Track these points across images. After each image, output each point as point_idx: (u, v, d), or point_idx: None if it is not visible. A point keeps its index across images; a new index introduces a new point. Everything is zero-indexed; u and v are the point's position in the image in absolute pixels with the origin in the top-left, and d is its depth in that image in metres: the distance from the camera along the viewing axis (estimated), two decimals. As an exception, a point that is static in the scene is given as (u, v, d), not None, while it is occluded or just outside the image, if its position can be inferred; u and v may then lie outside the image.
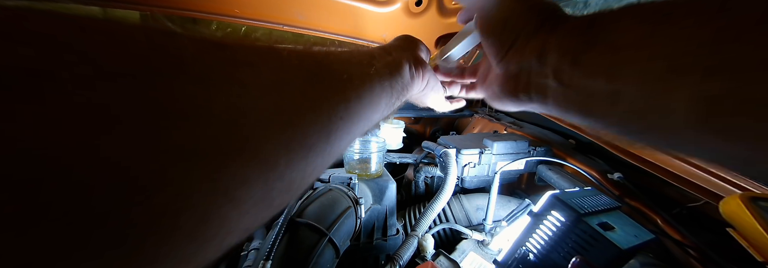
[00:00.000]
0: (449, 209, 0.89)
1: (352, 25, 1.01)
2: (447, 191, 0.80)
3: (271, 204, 0.15)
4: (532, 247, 0.55)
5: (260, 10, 0.88)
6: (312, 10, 0.93)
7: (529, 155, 0.91)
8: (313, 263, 0.54)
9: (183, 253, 0.11)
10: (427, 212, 0.75)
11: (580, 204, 0.51)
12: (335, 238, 0.60)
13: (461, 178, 0.90)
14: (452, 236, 0.83)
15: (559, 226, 0.51)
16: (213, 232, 0.12)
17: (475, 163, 0.88)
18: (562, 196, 0.53)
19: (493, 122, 1.25)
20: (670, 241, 0.59)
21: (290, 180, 0.15)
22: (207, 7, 0.83)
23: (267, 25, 0.92)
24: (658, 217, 0.64)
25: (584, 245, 0.48)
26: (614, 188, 0.75)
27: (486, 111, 1.40)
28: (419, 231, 0.71)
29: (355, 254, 0.72)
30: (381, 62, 0.27)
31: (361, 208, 0.70)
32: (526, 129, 1.13)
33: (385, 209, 0.78)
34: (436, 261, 0.64)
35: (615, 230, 0.48)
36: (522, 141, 0.90)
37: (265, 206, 0.14)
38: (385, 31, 1.06)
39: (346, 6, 0.95)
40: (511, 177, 0.95)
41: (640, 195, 0.70)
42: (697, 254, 0.55)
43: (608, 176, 0.77)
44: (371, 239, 0.75)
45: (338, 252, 0.61)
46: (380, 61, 0.27)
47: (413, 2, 0.97)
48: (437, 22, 1.07)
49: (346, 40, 1.06)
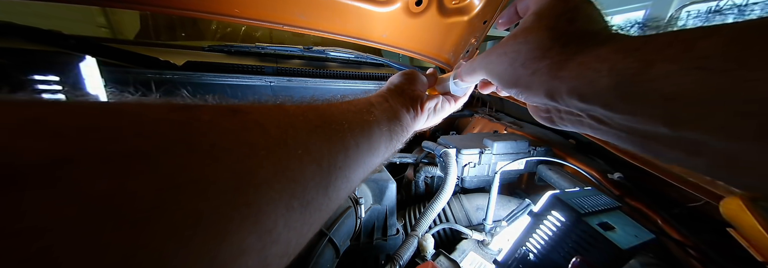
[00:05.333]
0: (449, 208, 0.88)
1: (352, 24, 1.01)
2: (447, 190, 0.80)
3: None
4: (532, 247, 0.55)
5: (260, 10, 0.88)
6: (312, 9, 0.93)
7: (529, 155, 0.91)
8: (313, 263, 0.54)
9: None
10: (427, 211, 0.75)
11: (581, 204, 0.51)
12: (335, 238, 0.60)
13: (461, 178, 0.90)
14: (452, 236, 0.83)
15: (559, 226, 0.51)
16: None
17: (475, 163, 0.88)
18: (563, 196, 0.53)
19: (493, 122, 1.25)
20: (670, 241, 0.59)
21: (287, 242, 0.15)
22: (207, 7, 0.83)
23: (267, 25, 0.92)
24: (658, 217, 0.64)
25: (584, 245, 0.48)
26: (614, 187, 0.75)
27: (486, 111, 1.40)
28: (419, 231, 0.71)
29: (355, 253, 0.72)
30: (379, 109, 0.29)
31: (361, 208, 0.70)
32: (526, 129, 1.13)
33: (385, 209, 0.78)
34: (436, 261, 0.64)
35: (615, 230, 0.48)
36: (522, 141, 0.90)
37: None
38: (385, 31, 1.06)
39: (346, 6, 0.95)
40: (511, 177, 0.95)
41: (640, 195, 0.69)
42: (697, 254, 0.55)
43: (608, 175, 0.77)
44: (371, 238, 0.75)
45: (338, 252, 0.61)
46: (378, 108, 0.29)
47: (413, 2, 0.97)
48: (437, 22, 1.07)
49: (346, 39, 1.06)
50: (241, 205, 0.13)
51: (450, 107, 0.42)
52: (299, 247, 0.17)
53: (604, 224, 0.49)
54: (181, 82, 0.89)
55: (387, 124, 0.28)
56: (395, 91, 0.35)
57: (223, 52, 1.07)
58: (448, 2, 1.01)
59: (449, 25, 1.09)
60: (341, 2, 0.93)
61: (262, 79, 1.01)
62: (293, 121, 0.18)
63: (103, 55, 0.81)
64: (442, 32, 1.12)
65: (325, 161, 0.19)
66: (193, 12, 0.82)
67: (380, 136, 0.27)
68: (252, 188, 0.13)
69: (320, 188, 0.18)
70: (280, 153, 0.16)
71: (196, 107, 0.15)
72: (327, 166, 0.19)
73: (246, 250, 0.13)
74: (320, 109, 0.22)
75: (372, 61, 1.24)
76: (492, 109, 1.40)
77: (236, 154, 0.14)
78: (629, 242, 0.46)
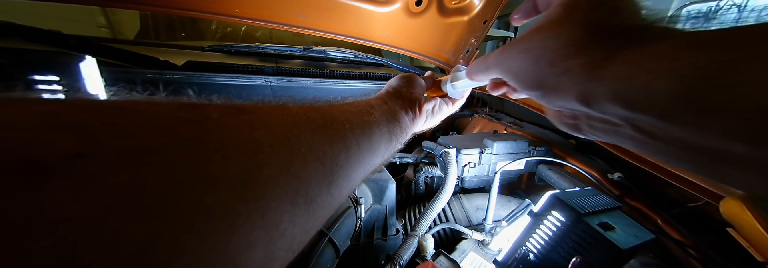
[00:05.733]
0: (449, 208, 0.89)
1: (352, 24, 1.01)
2: (447, 190, 0.80)
3: (272, 266, 0.15)
4: (532, 247, 0.55)
5: (260, 10, 0.88)
6: (312, 9, 0.93)
7: (529, 155, 0.91)
8: (313, 263, 0.54)
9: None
10: (427, 211, 0.75)
11: (581, 204, 0.51)
12: (335, 238, 0.60)
13: (461, 178, 0.90)
14: (452, 236, 0.83)
15: (560, 226, 0.51)
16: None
17: (475, 163, 0.88)
18: (563, 196, 0.53)
19: (493, 122, 1.25)
20: (670, 241, 0.59)
21: (292, 237, 0.16)
22: (207, 7, 0.83)
23: (267, 25, 0.92)
24: (658, 217, 0.64)
25: (584, 245, 0.48)
26: (614, 187, 0.75)
27: (486, 111, 1.40)
28: (419, 231, 0.71)
29: (355, 253, 0.72)
30: (378, 111, 0.30)
31: (361, 208, 0.70)
32: (526, 129, 1.13)
33: (385, 209, 0.78)
34: (436, 261, 0.64)
35: (615, 230, 0.48)
36: (522, 141, 0.90)
37: (268, 267, 0.15)
38: (385, 31, 1.06)
39: (346, 6, 0.95)
40: (511, 177, 0.95)
41: (641, 195, 0.70)
42: (697, 254, 0.55)
43: (608, 175, 0.77)
44: (371, 238, 0.75)
45: (338, 252, 0.61)
46: (378, 110, 0.30)
47: (413, 2, 0.97)
48: (437, 22, 1.07)
49: (346, 39, 1.06)
50: (249, 199, 0.13)
51: (448, 109, 0.42)
52: (303, 242, 0.17)
53: (604, 224, 0.49)
54: (181, 82, 0.89)
55: (386, 125, 0.29)
56: (394, 94, 0.36)
57: (223, 52, 1.07)
58: (448, 2, 1.01)
59: (449, 25, 1.09)
60: (341, 2, 0.93)
61: (262, 79, 1.01)
62: (296, 120, 0.19)
63: (103, 55, 0.82)
64: (442, 32, 1.12)
65: (327, 160, 0.19)
66: (193, 12, 0.82)
67: (380, 136, 0.27)
68: (259, 184, 0.14)
69: (323, 186, 0.18)
70: (284, 151, 0.16)
71: (204, 106, 0.15)
72: (330, 164, 0.19)
73: (253, 243, 0.13)
74: (322, 109, 0.23)
75: (372, 61, 1.24)
76: (492, 109, 1.40)
77: (243, 151, 0.14)
78: (629, 242, 0.46)
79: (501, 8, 1.02)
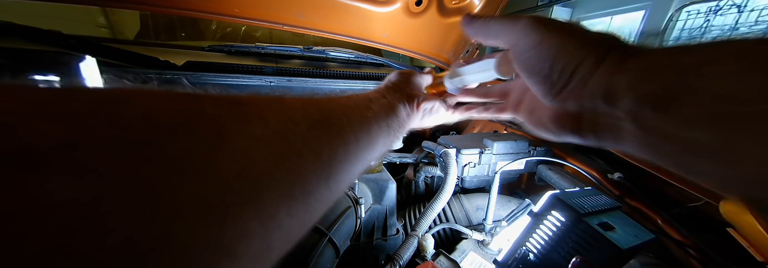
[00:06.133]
0: (449, 208, 0.89)
1: (352, 24, 1.01)
2: (447, 190, 0.80)
3: (270, 256, 0.15)
4: (532, 247, 0.55)
5: (260, 10, 0.88)
6: (312, 9, 0.93)
7: (529, 155, 0.91)
8: (313, 263, 0.54)
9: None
10: (427, 211, 0.75)
11: (581, 204, 0.51)
12: (335, 238, 0.60)
13: (461, 178, 0.90)
14: (452, 236, 0.83)
15: (560, 226, 0.51)
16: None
17: (475, 163, 0.88)
18: (563, 196, 0.53)
19: (493, 122, 1.25)
20: (670, 241, 0.59)
21: (289, 228, 0.16)
22: (207, 7, 0.83)
23: (267, 25, 0.92)
24: (658, 217, 0.64)
25: (584, 245, 0.48)
26: (614, 187, 0.75)
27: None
28: (419, 231, 0.71)
29: (355, 253, 0.72)
30: (377, 105, 0.30)
31: (361, 208, 0.70)
32: (526, 129, 1.12)
33: (385, 209, 0.78)
34: (436, 261, 0.64)
35: (615, 230, 0.48)
36: (522, 141, 0.90)
37: (265, 257, 0.15)
38: (385, 31, 1.06)
39: (346, 6, 0.95)
40: (511, 177, 0.95)
41: (640, 195, 0.70)
42: (697, 254, 0.55)
43: (608, 175, 0.77)
44: (371, 238, 0.75)
45: (338, 252, 0.61)
46: (376, 104, 0.30)
47: (413, 2, 0.97)
48: (437, 22, 1.07)
49: (346, 39, 1.06)
50: (241, 191, 0.13)
51: (445, 113, 0.42)
52: (300, 234, 0.17)
53: (604, 224, 0.49)
54: (180, 82, 0.89)
55: (385, 119, 0.29)
56: (392, 88, 0.36)
57: (223, 52, 1.07)
58: (448, 2, 1.01)
59: (449, 25, 1.09)
60: (341, 2, 0.93)
61: (262, 79, 1.01)
62: (293, 114, 0.19)
63: (103, 55, 0.81)
64: (442, 32, 1.12)
65: (324, 154, 0.19)
66: (193, 12, 0.82)
67: (379, 131, 0.27)
68: (252, 176, 0.14)
69: (321, 180, 0.18)
70: (279, 144, 0.16)
71: (200, 97, 0.15)
72: (327, 159, 0.19)
73: (249, 233, 0.13)
74: (320, 103, 0.22)
75: (372, 61, 1.24)
76: (492, 109, 1.40)
77: (238, 144, 0.14)
78: (629, 242, 0.46)
79: (501, 8, 1.02)
